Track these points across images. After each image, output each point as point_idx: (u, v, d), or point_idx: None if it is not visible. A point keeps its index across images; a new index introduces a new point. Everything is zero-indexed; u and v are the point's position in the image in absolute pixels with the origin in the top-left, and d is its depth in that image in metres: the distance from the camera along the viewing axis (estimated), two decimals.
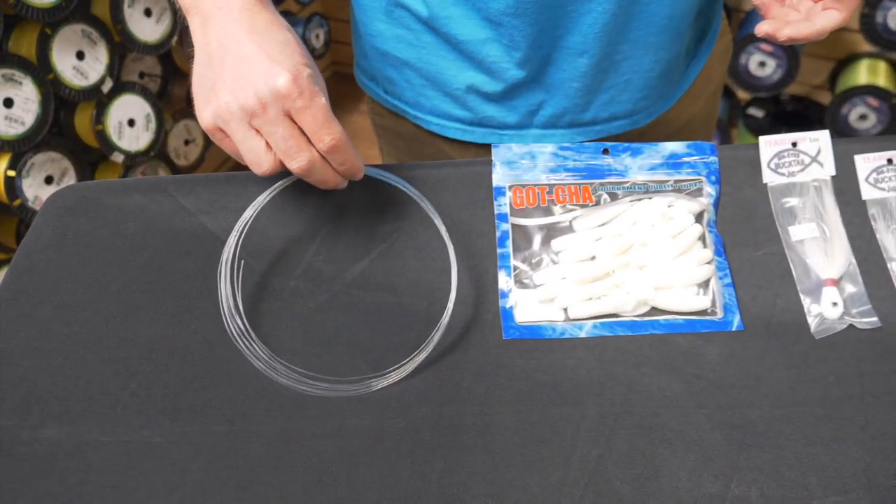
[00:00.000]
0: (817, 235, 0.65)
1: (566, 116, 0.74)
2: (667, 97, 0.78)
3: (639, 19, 0.68)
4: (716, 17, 0.82)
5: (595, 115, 0.74)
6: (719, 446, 0.53)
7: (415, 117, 0.78)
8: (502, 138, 0.75)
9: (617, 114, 0.75)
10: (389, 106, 0.80)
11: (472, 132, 0.76)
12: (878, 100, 1.77)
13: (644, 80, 0.73)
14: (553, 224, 0.65)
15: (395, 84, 0.77)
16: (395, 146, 0.85)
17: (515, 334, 0.61)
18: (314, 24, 2.08)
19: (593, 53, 0.69)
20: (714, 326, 0.61)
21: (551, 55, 0.69)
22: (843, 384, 0.57)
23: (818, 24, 0.60)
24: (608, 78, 0.72)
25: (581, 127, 0.75)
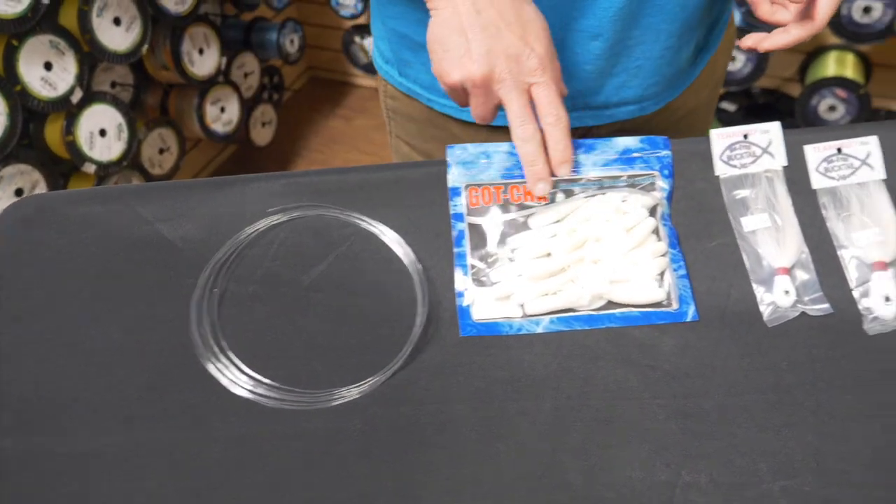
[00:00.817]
0: (769, 225, 0.66)
1: (578, 99, 0.75)
2: (675, 86, 0.79)
3: (651, 6, 0.69)
4: (726, 10, 0.83)
5: (606, 99, 0.76)
6: (672, 435, 0.54)
7: (428, 100, 0.79)
8: None
9: (627, 99, 0.76)
10: (403, 89, 0.81)
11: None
12: (846, 91, 1.79)
13: (655, 66, 0.74)
14: (509, 222, 0.65)
15: (411, 66, 0.78)
16: (405, 129, 0.86)
17: (473, 332, 0.62)
18: (288, 30, 2.08)
19: (607, 37, 0.70)
20: (669, 318, 0.62)
21: (566, 38, 0.70)
22: (795, 370, 0.58)
23: (793, 33, 0.65)
24: (620, 62, 0.73)
25: (592, 110, 0.77)
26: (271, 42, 2.04)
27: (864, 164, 0.68)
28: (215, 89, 1.85)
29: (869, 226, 0.66)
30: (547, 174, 0.63)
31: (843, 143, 0.69)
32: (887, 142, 0.69)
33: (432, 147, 0.84)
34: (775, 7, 0.68)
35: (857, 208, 0.67)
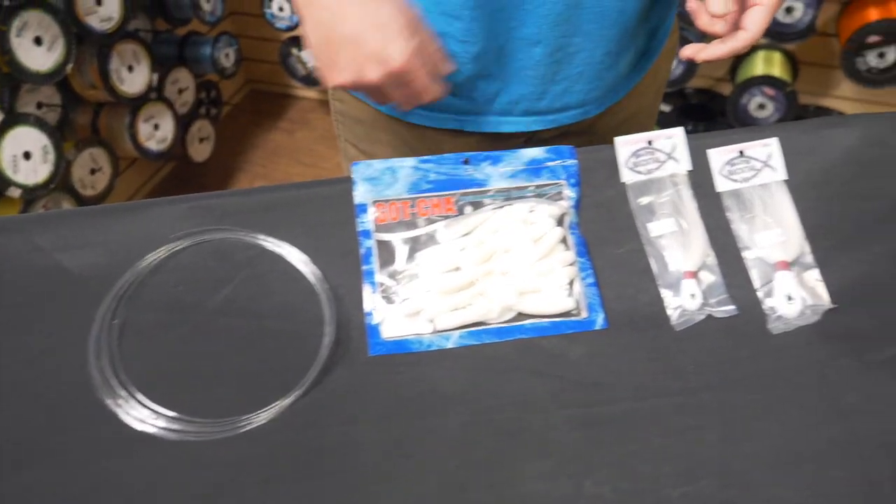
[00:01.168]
0: (675, 230, 0.67)
1: (522, 104, 0.76)
2: (618, 90, 0.81)
3: (590, 13, 0.70)
4: (668, 16, 0.85)
5: (549, 105, 0.77)
6: (577, 446, 0.54)
7: (376, 103, 0.79)
8: (462, 123, 0.78)
9: (570, 104, 0.77)
10: (350, 91, 0.82)
11: (434, 117, 0.78)
12: (774, 89, 1.83)
13: (596, 72, 0.75)
14: (417, 237, 0.65)
15: None
16: (353, 132, 0.86)
17: (382, 350, 0.61)
18: (223, 44, 2.06)
19: (547, 44, 0.71)
20: (579, 327, 0.62)
21: (507, 46, 0.71)
22: (701, 373, 0.59)
23: (729, 45, 0.67)
24: (562, 69, 0.74)
25: (536, 115, 0.77)
26: (206, 56, 2.01)
27: (765, 165, 0.70)
28: (148, 106, 1.82)
29: (771, 226, 0.67)
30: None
31: (745, 146, 0.70)
32: (788, 143, 0.71)
33: (380, 150, 0.85)
34: (714, 20, 0.69)
35: (760, 209, 0.68)
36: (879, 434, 0.53)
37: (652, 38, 0.83)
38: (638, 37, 0.78)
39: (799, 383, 0.57)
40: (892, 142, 0.72)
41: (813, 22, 1.74)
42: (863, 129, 0.72)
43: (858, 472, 0.51)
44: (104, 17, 1.60)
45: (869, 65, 1.73)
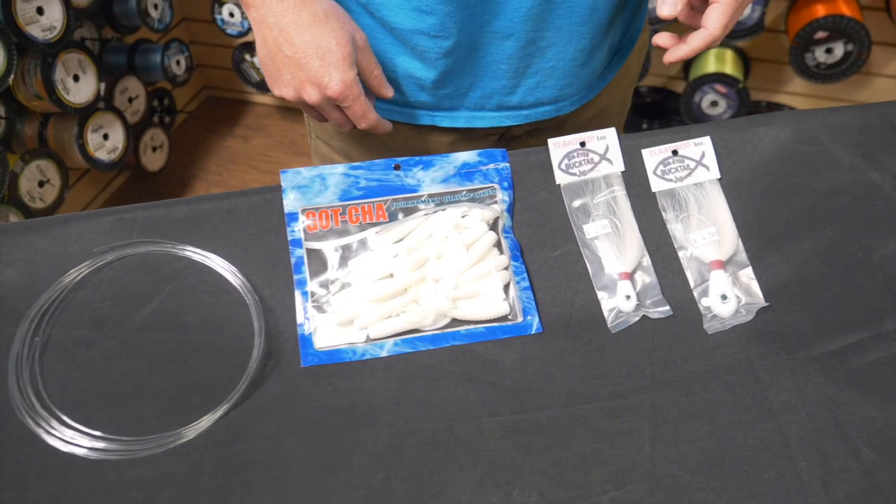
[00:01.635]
0: (610, 231, 0.67)
1: (494, 98, 0.77)
2: (591, 87, 0.81)
3: (562, 8, 0.70)
4: (640, 14, 0.85)
5: (522, 100, 0.77)
6: (507, 454, 0.53)
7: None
8: (434, 119, 0.78)
9: (543, 99, 0.78)
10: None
11: (406, 113, 0.78)
12: (725, 86, 1.85)
13: (568, 67, 0.76)
14: (349, 245, 0.64)
15: None
16: (324, 130, 0.87)
17: (315, 361, 0.60)
18: (173, 51, 2.03)
19: (519, 37, 0.71)
20: (514, 331, 0.62)
21: (479, 40, 0.72)
22: (633, 376, 0.59)
23: (690, 45, 0.66)
24: (534, 63, 0.74)
25: (508, 110, 0.78)
26: (156, 64, 1.98)
27: (699, 164, 0.70)
28: (96, 116, 1.78)
29: (706, 225, 0.67)
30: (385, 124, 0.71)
31: (679, 145, 0.70)
32: (721, 141, 0.71)
33: (351, 147, 0.85)
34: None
35: (695, 209, 0.68)
36: (810, 433, 0.53)
37: (624, 36, 0.84)
38: (611, 34, 0.79)
39: (730, 383, 0.57)
40: (824, 138, 0.72)
41: (762, 19, 1.76)
42: (795, 127, 0.73)
43: (788, 472, 0.51)
44: (46, 26, 1.56)
45: (817, 60, 1.75)
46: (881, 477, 0.50)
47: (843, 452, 0.52)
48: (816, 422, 0.54)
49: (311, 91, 0.65)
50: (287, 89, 0.67)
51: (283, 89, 0.67)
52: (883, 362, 0.57)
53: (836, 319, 0.60)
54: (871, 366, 0.57)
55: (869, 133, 0.73)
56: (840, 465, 0.51)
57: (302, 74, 0.65)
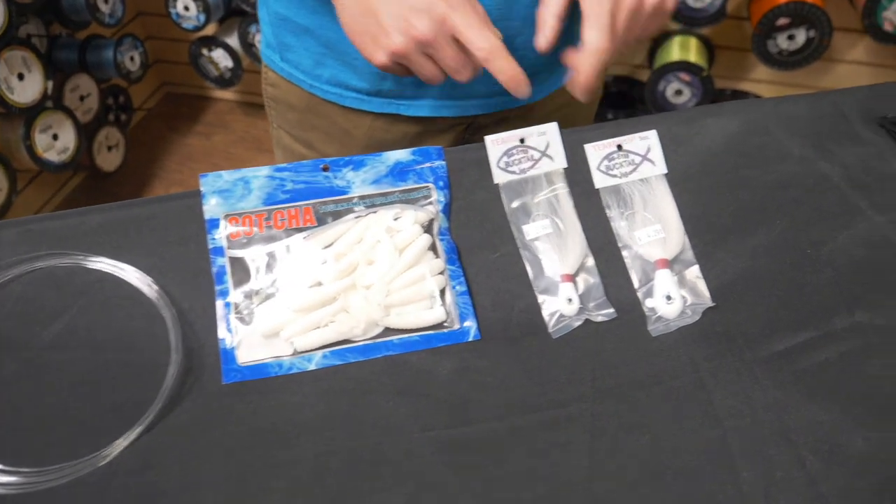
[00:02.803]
0: (551, 231, 0.63)
1: (460, 87, 0.73)
2: (558, 75, 0.80)
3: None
4: None
5: (488, 89, 0.75)
6: (436, 473, 0.50)
7: (310, 86, 0.78)
8: (399, 108, 0.76)
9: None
10: (284, 74, 0.80)
11: (370, 101, 0.76)
12: (689, 74, 1.83)
13: (535, 56, 0.72)
14: (274, 252, 0.60)
15: (293, 51, 0.77)
16: (286, 119, 0.84)
17: (237, 377, 0.56)
18: (126, 46, 1.97)
19: None
20: (450, 339, 0.59)
21: None
22: (574, 383, 0.56)
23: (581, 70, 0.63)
24: None
25: (475, 99, 0.76)
26: (108, 61, 1.93)
27: (644, 159, 0.67)
28: (44, 116, 1.72)
29: (651, 223, 0.64)
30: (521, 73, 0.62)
31: (624, 140, 0.67)
32: (667, 134, 0.68)
33: (314, 137, 0.82)
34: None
35: (640, 205, 0.65)
36: (754, 441, 0.51)
37: None
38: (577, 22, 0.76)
39: (674, 388, 0.55)
40: (774, 128, 0.69)
41: (724, 5, 1.74)
42: (744, 117, 0.70)
43: (730, 484, 0.48)
44: None
45: (780, 47, 1.74)
46: (825, 486, 0.47)
47: (788, 461, 0.49)
48: (761, 428, 0.51)
49: (418, 21, 0.58)
50: (394, 36, 0.59)
51: (390, 39, 0.59)
52: (831, 363, 0.54)
53: (784, 318, 0.58)
54: (819, 367, 0.54)
55: (819, 122, 0.70)
56: (784, 474, 0.48)
57: (404, 6, 0.58)
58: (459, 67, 0.61)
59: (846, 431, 0.50)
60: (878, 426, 0.50)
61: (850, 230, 0.62)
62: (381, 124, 0.78)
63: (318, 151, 0.81)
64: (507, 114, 0.80)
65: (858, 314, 0.56)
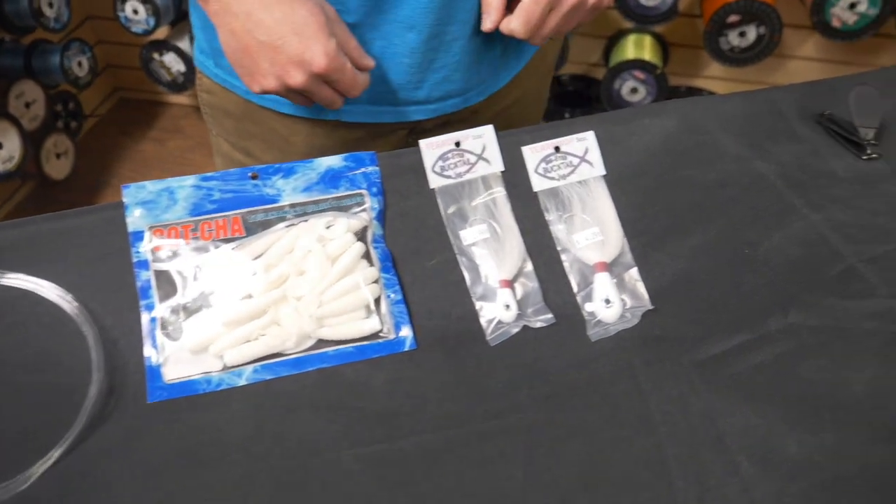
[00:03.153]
0: (488, 236, 0.62)
1: (401, 94, 0.73)
2: (500, 76, 0.79)
3: (466, 1, 0.69)
4: None
5: (428, 94, 0.74)
6: (365, 490, 0.49)
7: (246, 92, 0.76)
8: (338, 114, 0.75)
9: (451, 92, 0.75)
10: (219, 80, 0.78)
11: (308, 108, 0.74)
12: (644, 73, 1.83)
13: (474, 60, 0.73)
14: (201, 265, 0.58)
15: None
16: (223, 126, 0.82)
17: (163, 395, 0.54)
18: (74, 51, 1.92)
19: (422, 30, 0.68)
20: (386, 349, 0.57)
21: (382, 27, 0.68)
22: (510, 392, 0.55)
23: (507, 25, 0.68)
24: (439, 57, 0.71)
25: (416, 105, 0.75)
26: (55, 66, 1.88)
27: (583, 160, 0.66)
28: None
29: (590, 225, 0.63)
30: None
31: (561, 141, 0.66)
32: (605, 135, 0.67)
33: (252, 145, 0.80)
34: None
35: (579, 208, 0.64)
36: (689, 447, 0.50)
37: None
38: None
39: (611, 395, 0.54)
40: (711, 127, 0.69)
41: (675, 4, 1.74)
42: (682, 116, 0.70)
43: (664, 493, 0.47)
44: None
45: (731, 44, 1.75)
46: (759, 492, 0.47)
47: (722, 467, 0.48)
48: (696, 434, 0.51)
49: (295, 73, 0.60)
50: (268, 79, 0.61)
51: (265, 81, 0.62)
52: (766, 365, 0.54)
53: (721, 320, 0.57)
54: (755, 369, 0.54)
55: (757, 120, 0.70)
56: (718, 481, 0.48)
57: (281, 57, 0.60)
58: (331, 103, 0.64)
59: (780, 435, 0.49)
60: (812, 429, 0.50)
61: (786, 229, 0.61)
62: (321, 131, 0.76)
63: (256, 159, 0.79)
64: (451, 117, 0.79)
65: (792, 315, 0.56)
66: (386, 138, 0.79)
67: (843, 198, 0.63)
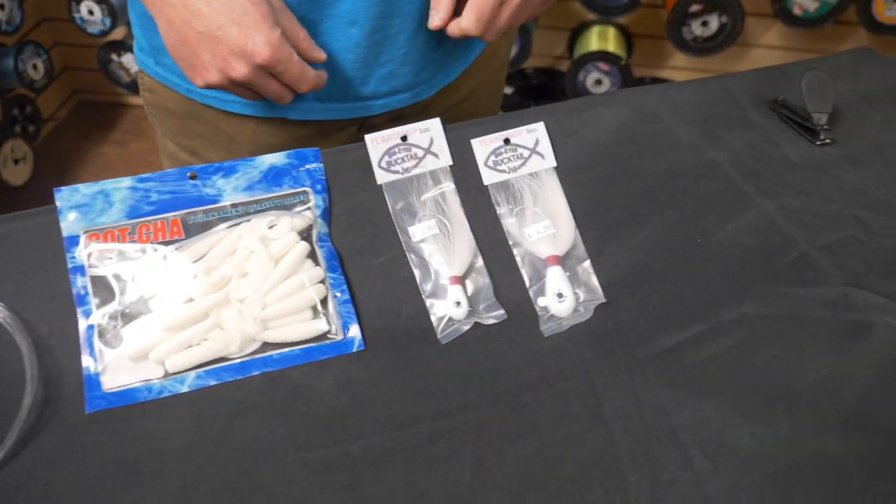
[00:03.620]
0: (438, 232, 0.61)
1: (348, 90, 0.71)
2: (450, 69, 0.77)
3: None
4: None
5: (376, 90, 0.72)
6: (309, 496, 0.47)
7: (187, 90, 0.74)
8: (283, 112, 0.72)
9: (399, 87, 0.73)
10: (160, 79, 0.75)
11: (252, 106, 0.72)
12: (608, 64, 1.83)
13: (421, 53, 0.71)
14: (140, 269, 0.56)
15: (166, 54, 0.72)
16: (168, 126, 0.80)
17: (102, 405, 0.52)
18: (28, 54, 1.88)
19: (364, 24, 0.66)
20: (333, 351, 0.56)
21: (323, 23, 0.66)
22: (460, 391, 0.53)
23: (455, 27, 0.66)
24: (384, 51, 0.69)
25: (363, 101, 0.73)
26: (9, 69, 1.84)
27: (533, 152, 0.65)
28: None
29: (542, 218, 0.62)
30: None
31: (511, 133, 0.65)
32: (556, 126, 0.66)
33: (197, 144, 0.78)
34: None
35: (530, 201, 0.63)
36: (642, 442, 0.49)
37: None
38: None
39: (563, 391, 0.53)
40: (665, 116, 0.68)
41: None
42: (635, 105, 0.69)
43: (616, 490, 0.46)
44: None
45: (694, 34, 1.75)
46: (712, 486, 0.46)
47: (675, 461, 0.47)
48: (650, 429, 0.49)
49: (237, 65, 0.58)
50: (210, 73, 0.59)
51: (207, 74, 0.59)
52: (719, 356, 0.53)
53: (675, 312, 0.56)
54: (708, 361, 0.53)
55: (710, 108, 0.69)
56: (671, 476, 0.47)
57: (222, 48, 0.57)
58: (280, 97, 0.62)
59: (734, 427, 0.49)
60: (765, 419, 0.49)
61: (740, 218, 0.60)
62: (267, 128, 0.74)
63: (202, 159, 0.77)
64: (402, 112, 0.77)
65: (746, 304, 0.55)
66: (336, 135, 0.77)
67: (796, 184, 0.63)
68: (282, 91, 0.62)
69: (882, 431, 0.47)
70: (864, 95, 0.71)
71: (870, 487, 0.45)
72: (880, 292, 0.54)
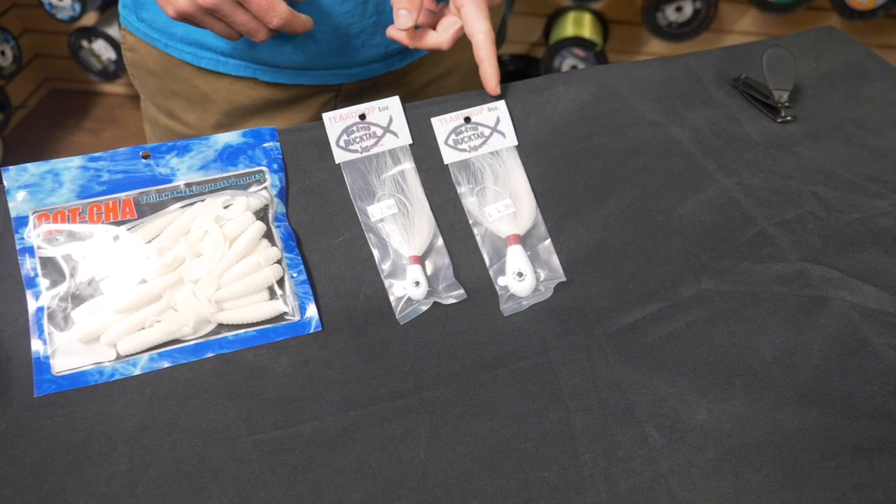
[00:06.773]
0: (397, 212, 0.60)
1: (318, 59, 0.71)
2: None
3: None
4: None
5: (349, 59, 0.72)
6: (261, 478, 0.46)
7: (166, 45, 0.73)
8: (255, 72, 0.72)
9: (371, 57, 0.73)
10: (140, 34, 0.75)
11: (226, 63, 0.72)
12: (583, 50, 1.82)
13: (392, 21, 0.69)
14: (91, 250, 0.55)
15: (147, 8, 0.73)
16: (147, 86, 0.80)
17: (52, 388, 0.51)
18: None
19: None
20: (290, 332, 0.55)
21: None
22: (417, 372, 0.53)
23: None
24: (357, 20, 0.69)
25: (336, 69, 0.73)
26: None
27: (494, 131, 0.64)
28: None
29: (502, 197, 0.61)
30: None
31: (472, 112, 0.64)
32: (517, 104, 0.65)
33: (175, 105, 0.77)
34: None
35: (491, 180, 0.62)
36: (598, 420, 0.48)
37: None
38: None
39: (520, 370, 0.52)
40: (627, 94, 0.68)
41: None
42: (597, 83, 0.68)
43: (571, 468, 0.46)
44: None
45: (669, 19, 1.74)
46: (666, 464, 0.45)
47: (631, 438, 0.47)
48: (606, 406, 0.49)
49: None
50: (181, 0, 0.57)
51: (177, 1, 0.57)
52: (678, 333, 0.52)
53: (635, 290, 0.56)
54: (667, 338, 0.52)
55: (673, 86, 0.69)
56: (625, 453, 0.46)
57: None
58: (252, 31, 0.59)
59: (690, 404, 0.48)
60: (721, 396, 0.48)
61: (699, 195, 0.60)
62: (240, 87, 0.74)
63: (179, 120, 0.77)
64: (377, 80, 0.76)
65: (705, 281, 0.55)
66: (311, 100, 0.76)
67: (756, 161, 0.62)
68: (252, 24, 0.59)
69: (835, 405, 0.47)
70: (825, 74, 0.71)
71: (824, 461, 0.45)
72: (836, 266, 0.54)
